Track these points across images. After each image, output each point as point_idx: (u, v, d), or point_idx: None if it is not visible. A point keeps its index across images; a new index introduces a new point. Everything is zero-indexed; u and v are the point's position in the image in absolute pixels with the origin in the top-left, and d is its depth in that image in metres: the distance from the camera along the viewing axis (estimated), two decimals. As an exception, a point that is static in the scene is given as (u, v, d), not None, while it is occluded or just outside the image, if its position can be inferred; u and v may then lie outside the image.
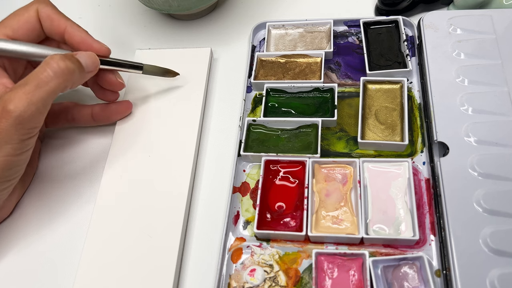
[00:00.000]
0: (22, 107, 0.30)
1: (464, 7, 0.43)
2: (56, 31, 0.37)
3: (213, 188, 0.39)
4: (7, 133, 0.30)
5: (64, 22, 0.37)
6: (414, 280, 0.31)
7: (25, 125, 0.31)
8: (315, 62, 0.43)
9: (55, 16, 0.36)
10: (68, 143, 0.43)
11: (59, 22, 0.36)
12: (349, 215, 0.35)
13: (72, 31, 0.36)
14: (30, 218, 0.39)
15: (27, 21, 0.36)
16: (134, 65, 0.40)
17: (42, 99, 0.31)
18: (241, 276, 0.34)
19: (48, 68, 0.31)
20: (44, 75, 0.31)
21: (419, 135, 0.38)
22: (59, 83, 0.32)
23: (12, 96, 0.30)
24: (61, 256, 0.37)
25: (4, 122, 0.30)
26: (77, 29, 0.37)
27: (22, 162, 0.33)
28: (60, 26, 0.36)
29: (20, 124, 0.30)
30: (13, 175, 0.33)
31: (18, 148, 0.31)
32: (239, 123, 0.41)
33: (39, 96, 0.31)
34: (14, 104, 0.30)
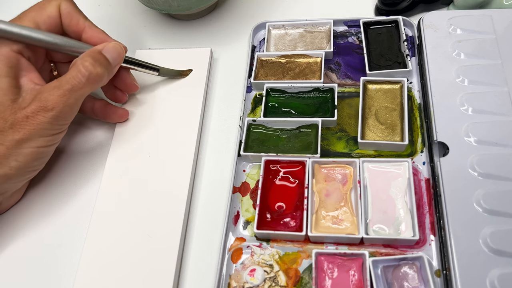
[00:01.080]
0: (58, 108, 0.33)
1: (464, 7, 0.43)
2: (75, 29, 0.38)
3: (213, 188, 0.39)
4: (42, 127, 0.33)
5: (83, 22, 0.38)
6: (414, 280, 0.31)
7: (59, 122, 0.34)
8: (315, 62, 0.43)
9: (75, 14, 0.37)
10: (68, 143, 0.43)
11: (79, 20, 0.37)
12: (349, 215, 0.35)
13: (91, 31, 0.38)
14: (28, 219, 0.39)
15: (49, 16, 0.36)
16: (150, 66, 0.41)
17: (75, 101, 0.34)
18: (241, 276, 0.34)
19: (81, 74, 0.34)
20: (77, 81, 0.34)
21: (419, 135, 0.38)
22: (91, 87, 0.35)
23: (49, 97, 0.33)
24: (61, 256, 0.37)
25: (41, 118, 0.33)
26: (95, 29, 0.38)
27: (49, 155, 0.36)
28: (79, 25, 0.37)
29: (55, 121, 0.34)
30: (38, 166, 0.36)
31: (49, 141, 0.35)
32: (239, 123, 0.41)
33: (74, 99, 0.34)
34: (51, 104, 0.33)
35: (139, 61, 0.40)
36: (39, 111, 0.33)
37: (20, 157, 0.33)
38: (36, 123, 0.33)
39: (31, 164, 0.35)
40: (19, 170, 0.34)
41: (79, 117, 0.44)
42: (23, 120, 0.32)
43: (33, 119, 0.33)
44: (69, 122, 0.36)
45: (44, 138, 0.34)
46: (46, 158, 0.36)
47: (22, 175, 0.35)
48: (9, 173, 0.33)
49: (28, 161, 0.34)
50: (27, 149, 0.33)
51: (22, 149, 0.33)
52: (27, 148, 0.33)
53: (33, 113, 0.33)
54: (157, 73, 0.42)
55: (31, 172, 0.36)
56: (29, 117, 0.33)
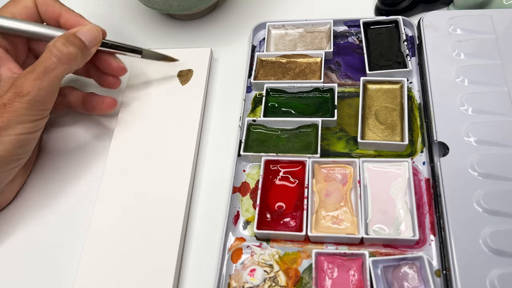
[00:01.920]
0: (33, 91, 0.33)
1: (464, 7, 0.43)
2: (51, 15, 0.38)
3: (213, 188, 0.39)
4: (20, 113, 0.33)
5: (59, 7, 0.38)
6: (414, 280, 0.31)
7: (37, 107, 0.34)
8: (315, 62, 0.43)
9: (50, 1, 0.38)
10: (68, 142, 0.43)
11: (54, 7, 0.38)
12: (349, 215, 0.35)
13: (67, 15, 0.38)
14: (28, 219, 0.39)
15: (25, 7, 0.37)
16: (133, 49, 0.40)
17: (50, 83, 0.34)
18: (241, 276, 0.34)
19: (52, 55, 0.34)
20: (49, 63, 0.33)
21: (419, 135, 0.38)
22: (64, 68, 0.34)
23: (24, 82, 0.33)
24: (61, 256, 0.37)
25: (17, 104, 0.33)
26: (72, 13, 0.38)
27: (32, 142, 0.36)
28: (55, 11, 0.38)
29: (33, 106, 0.33)
30: (22, 154, 0.36)
31: (29, 128, 0.34)
32: (239, 123, 0.41)
33: (48, 81, 0.33)
34: (26, 89, 0.33)
35: (119, 43, 0.39)
36: (15, 98, 0.32)
37: (1, 146, 0.33)
38: (13, 109, 0.32)
39: (15, 152, 0.34)
40: (2, 159, 0.33)
41: (78, 117, 0.44)
42: (1, 108, 0.32)
43: (10, 106, 0.32)
44: (49, 108, 0.35)
45: (24, 125, 0.33)
46: (29, 145, 0.36)
47: (7, 163, 0.34)
48: None
49: (10, 149, 0.33)
50: (6, 137, 0.33)
51: (2, 137, 0.33)
52: (6, 136, 0.33)
53: (9, 100, 0.32)
54: (140, 55, 0.41)
55: (16, 161, 0.35)
56: (6, 105, 0.32)
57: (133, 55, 0.41)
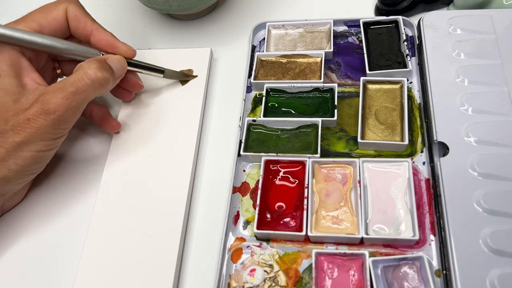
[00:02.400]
0: (61, 111, 0.32)
1: (464, 7, 0.43)
2: (82, 32, 0.37)
3: (213, 188, 0.39)
4: (43, 131, 0.32)
5: (91, 25, 0.37)
6: (414, 280, 0.31)
7: (60, 126, 0.33)
8: (315, 62, 0.43)
9: (83, 17, 0.37)
10: (68, 142, 0.43)
11: (86, 24, 0.37)
12: (349, 215, 0.35)
13: (99, 34, 0.37)
14: (28, 219, 0.39)
15: (55, 19, 0.36)
16: (155, 68, 0.41)
17: (78, 105, 0.33)
18: (241, 276, 0.34)
19: (86, 77, 0.33)
20: (82, 84, 0.33)
21: (419, 135, 0.38)
22: (95, 91, 0.34)
23: (52, 100, 0.32)
24: (61, 256, 0.37)
25: (42, 121, 0.32)
26: (103, 32, 0.37)
27: (48, 158, 0.36)
28: (87, 28, 0.37)
29: (57, 125, 0.33)
30: (37, 169, 0.36)
31: (49, 145, 0.34)
32: (239, 123, 0.41)
33: (76, 102, 0.33)
34: (53, 108, 0.32)
35: (144, 63, 0.40)
36: (40, 114, 0.32)
37: (20, 160, 0.33)
38: (37, 126, 0.32)
39: (30, 168, 0.34)
40: (18, 173, 0.33)
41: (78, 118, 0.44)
42: (24, 122, 0.32)
43: (34, 122, 0.32)
44: (70, 127, 0.35)
45: (45, 142, 0.33)
46: (45, 161, 0.36)
47: (21, 177, 0.35)
48: (8, 176, 0.33)
49: (28, 165, 0.33)
50: (27, 152, 0.33)
51: (22, 152, 0.32)
52: (27, 152, 0.33)
53: (34, 115, 0.32)
54: (161, 75, 0.41)
55: (30, 175, 0.36)
56: (30, 120, 0.32)
57: (155, 75, 0.41)
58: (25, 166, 0.33)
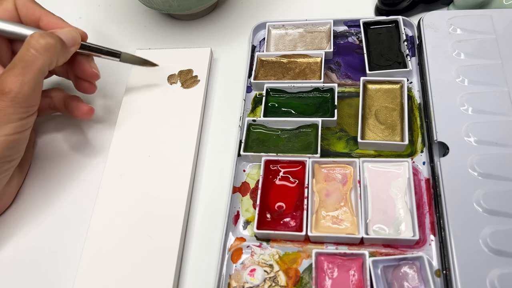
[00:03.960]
0: (16, 88, 0.32)
1: (464, 7, 0.43)
2: (31, 18, 0.38)
3: (213, 188, 0.39)
4: (5, 112, 0.32)
5: (39, 11, 0.38)
6: (414, 280, 0.31)
7: (22, 104, 0.33)
8: (315, 62, 0.43)
9: (31, 5, 0.38)
10: (68, 142, 0.43)
11: (34, 10, 0.38)
12: (349, 215, 0.35)
13: (47, 18, 0.38)
14: (28, 219, 0.39)
15: (5, 9, 0.37)
16: (111, 51, 0.40)
17: (33, 78, 0.33)
18: (241, 276, 0.34)
19: (31, 47, 0.33)
20: (29, 55, 0.33)
21: (419, 135, 0.38)
22: (44, 60, 0.33)
23: (5, 80, 0.32)
24: (61, 256, 0.37)
25: (1, 103, 0.32)
26: (52, 16, 0.38)
27: (22, 142, 0.35)
28: (35, 14, 0.38)
29: (18, 104, 0.32)
30: (14, 155, 0.35)
31: (17, 127, 0.33)
32: (239, 123, 0.41)
33: (30, 75, 0.33)
34: (8, 86, 0.32)
35: (98, 45, 0.39)
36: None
37: None
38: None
39: (5, 154, 0.33)
40: None
41: (74, 119, 0.44)
42: None
43: None
44: (35, 104, 0.34)
45: (12, 124, 0.32)
46: (20, 146, 0.35)
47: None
48: None
49: (0, 151, 0.32)
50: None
51: None
52: None
53: None
54: (118, 59, 0.40)
55: (7, 163, 0.34)
56: None
57: (111, 58, 0.40)
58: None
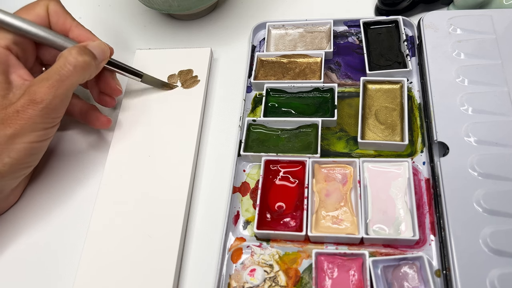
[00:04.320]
0: (48, 100, 0.33)
1: (464, 7, 0.43)
2: (62, 27, 0.38)
3: (213, 188, 0.39)
4: (33, 121, 0.33)
5: (71, 21, 0.38)
6: (414, 280, 0.31)
7: (50, 115, 0.34)
8: (315, 62, 0.43)
9: (63, 14, 0.38)
10: (68, 142, 0.43)
11: (66, 20, 0.38)
12: (349, 215, 0.35)
13: (77, 30, 0.38)
14: (29, 219, 0.39)
15: (37, 15, 0.37)
16: (134, 71, 0.41)
17: (65, 92, 0.34)
18: (241, 276, 0.34)
19: (68, 63, 0.34)
20: (65, 70, 0.34)
21: (419, 135, 0.38)
22: (79, 76, 0.34)
23: (38, 89, 0.33)
24: (61, 256, 0.37)
25: (31, 111, 0.32)
26: (82, 28, 0.38)
27: (43, 150, 0.36)
28: (66, 24, 0.38)
29: (46, 114, 0.33)
30: (32, 162, 0.36)
31: (41, 135, 0.34)
32: (239, 123, 0.41)
33: (63, 89, 0.33)
34: (40, 97, 0.33)
35: (123, 64, 0.40)
36: (29, 105, 0.32)
37: (13, 153, 0.33)
38: (27, 117, 0.32)
39: (25, 160, 0.34)
40: (12, 166, 0.33)
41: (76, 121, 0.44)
42: (14, 115, 0.32)
43: (24, 113, 0.32)
44: (60, 115, 0.35)
45: (36, 133, 0.33)
46: (39, 154, 0.36)
47: (16, 171, 0.34)
48: (2, 170, 0.33)
49: (21, 157, 0.33)
50: (19, 144, 0.33)
51: (14, 144, 0.33)
52: (19, 144, 0.33)
53: (23, 107, 0.32)
54: (139, 79, 0.41)
55: (24, 169, 0.35)
56: (19, 112, 0.32)
57: (133, 78, 0.41)
58: (19, 159, 0.33)
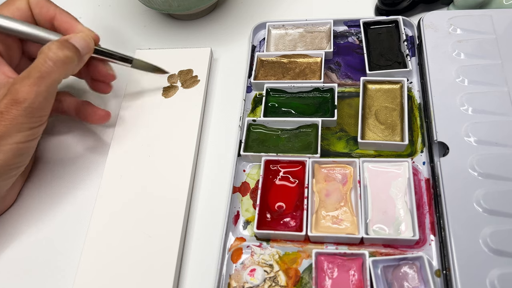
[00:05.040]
0: (30, 98, 0.32)
1: (464, 7, 0.43)
2: (45, 17, 0.37)
3: (213, 188, 0.39)
4: (18, 121, 0.32)
5: (54, 9, 0.37)
6: (414, 280, 0.31)
7: (34, 114, 0.33)
8: (315, 62, 0.43)
9: (44, 3, 0.37)
10: (68, 143, 0.43)
11: (48, 8, 0.37)
12: (349, 215, 0.35)
13: (61, 18, 0.37)
14: (28, 219, 0.39)
15: (18, 8, 0.37)
16: (124, 57, 0.40)
17: (47, 89, 0.33)
18: (241, 276, 0.34)
19: (48, 58, 0.33)
20: (46, 67, 0.33)
21: (419, 135, 0.38)
22: (60, 72, 0.33)
23: (19, 88, 0.32)
24: (61, 256, 0.37)
25: (14, 111, 0.32)
26: (66, 15, 0.38)
27: (31, 150, 0.35)
28: (49, 12, 0.37)
29: (30, 113, 0.32)
30: (21, 162, 0.35)
31: (28, 135, 0.33)
32: (239, 123, 0.41)
33: (45, 86, 0.33)
34: (22, 96, 0.32)
35: (110, 51, 0.39)
36: (12, 105, 0.31)
37: (0, 155, 0.32)
38: (11, 117, 0.31)
39: (13, 161, 0.33)
40: (1, 168, 0.33)
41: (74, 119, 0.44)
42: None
43: (7, 113, 0.31)
44: (46, 114, 0.34)
45: (23, 133, 0.33)
46: (28, 153, 0.35)
47: (5, 173, 0.34)
48: None
49: (9, 158, 0.33)
50: (5, 146, 0.32)
51: (0, 146, 0.32)
52: (5, 145, 0.32)
53: (6, 107, 0.31)
54: (130, 65, 0.40)
55: (14, 170, 0.35)
56: (3, 113, 0.31)
57: (123, 64, 0.40)
58: (7, 161, 0.33)
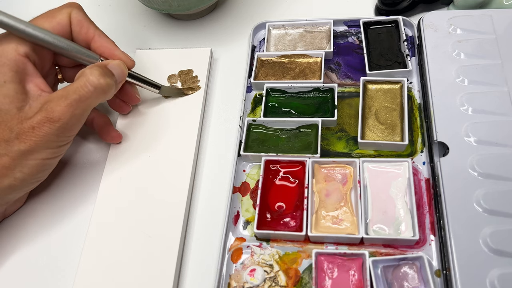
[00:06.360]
0: (65, 119, 0.32)
1: (464, 7, 0.43)
2: (84, 37, 0.37)
3: (213, 188, 0.39)
4: (48, 139, 0.32)
5: (93, 31, 0.37)
6: (414, 280, 0.31)
7: (65, 134, 0.33)
8: (315, 62, 0.43)
9: (86, 23, 0.37)
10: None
11: (89, 29, 0.37)
12: (349, 215, 0.35)
13: (100, 40, 0.37)
14: (28, 220, 0.39)
15: (59, 23, 0.36)
16: (153, 83, 0.41)
17: (83, 112, 0.34)
18: (241, 276, 0.34)
19: (89, 83, 0.33)
20: (85, 91, 0.33)
21: (419, 135, 0.38)
22: (99, 97, 0.34)
23: (55, 108, 0.32)
24: (61, 257, 0.37)
25: (47, 129, 0.32)
26: (104, 39, 0.37)
27: (53, 166, 0.36)
28: (89, 33, 0.37)
29: (62, 133, 0.33)
30: (42, 177, 0.35)
31: (54, 153, 0.34)
32: (239, 123, 0.41)
33: (81, 109, 0.33)
34: (57, 115, 0.32)
35: (142, 76, 0.40)
36: (45, 122, 0.32)
37: (25, 169, 0.32)
38: (42, 134, 0.32)
39: (36, 176, 0.34)
40: (23, 181, 0.33)
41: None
42: (29, 131, 0.31)
43: (39, 130, 0.32)
44: (75, 134, 0.35)
45: (50, 150, 0.33)
46: (50, 169, 0.35)
47: (26, 186, 0.34)
48: (13, 184, 0.33)
49: (33, 173, 0.33)
50: (32, 160, 0.32)
51: (27, 160, 0.32)
52: (32, 160, 0.32)
53: (39, 124, 0.32)
54: (157, 90, 0.41)
55: (34, 183, 0.35)
56: (35, 128, 0.32)
57: (151, 89, 0.41)
58: (31, 175, 0.33)
